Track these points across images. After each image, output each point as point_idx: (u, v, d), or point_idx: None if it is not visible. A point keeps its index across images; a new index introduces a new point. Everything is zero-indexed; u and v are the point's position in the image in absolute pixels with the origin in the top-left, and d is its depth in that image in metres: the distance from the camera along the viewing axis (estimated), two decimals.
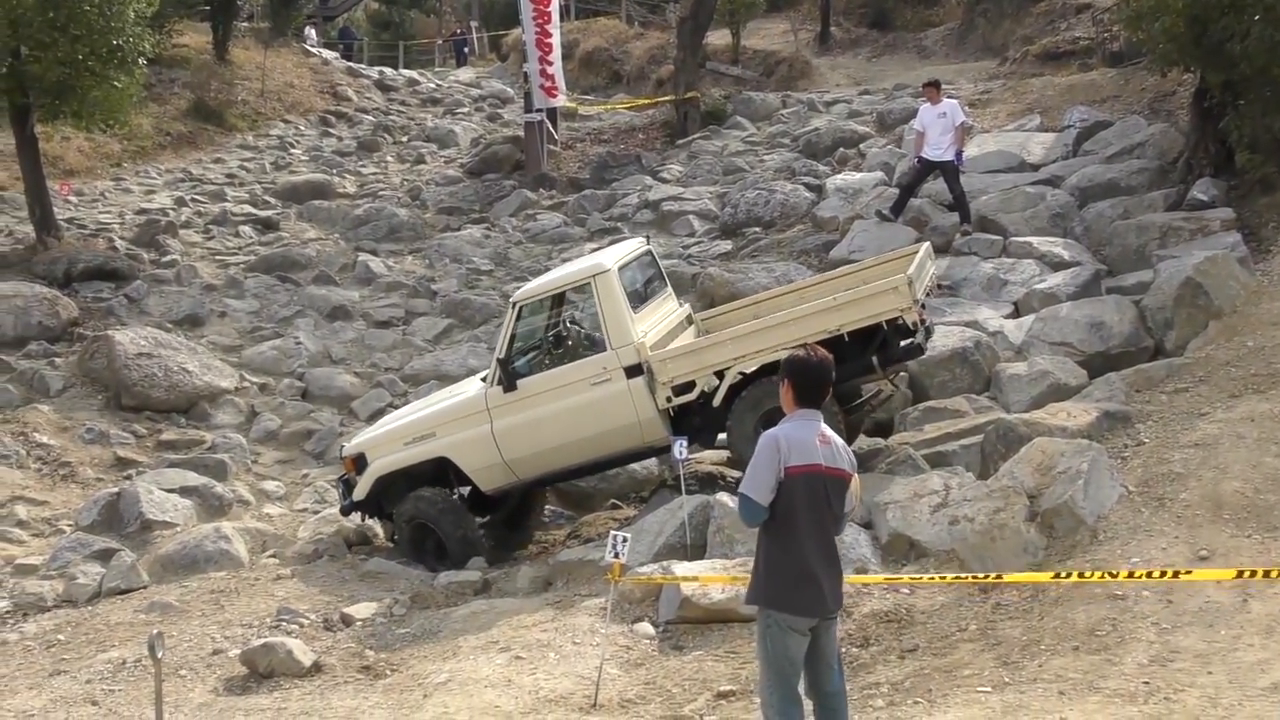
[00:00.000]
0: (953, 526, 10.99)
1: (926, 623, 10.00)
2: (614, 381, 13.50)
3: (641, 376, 13.45)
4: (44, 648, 12.50)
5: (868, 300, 12.87)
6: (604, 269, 13.70)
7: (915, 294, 12.76)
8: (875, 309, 12.80)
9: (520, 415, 13.82)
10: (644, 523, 12.81)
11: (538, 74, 30.45)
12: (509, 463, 14.06)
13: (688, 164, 29.24)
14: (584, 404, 13.59)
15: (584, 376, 13.63)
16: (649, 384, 13.45)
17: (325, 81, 40.77)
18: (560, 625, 11.12)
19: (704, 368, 13.39)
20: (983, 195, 20.32)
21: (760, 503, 7.03)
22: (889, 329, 12.91)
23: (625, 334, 13.50)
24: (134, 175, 30.95)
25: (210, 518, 15.72)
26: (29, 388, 19.38)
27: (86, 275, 23.40)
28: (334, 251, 26.08)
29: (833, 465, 7.14)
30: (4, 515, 15.89)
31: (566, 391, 13.66)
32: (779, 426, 7.20)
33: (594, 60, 41.75)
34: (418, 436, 14.43)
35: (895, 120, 27.44)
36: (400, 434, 14.63)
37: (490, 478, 14.26)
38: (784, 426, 7.16)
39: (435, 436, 14.32)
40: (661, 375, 13.39)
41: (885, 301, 12.76)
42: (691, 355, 13.50)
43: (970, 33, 37.20)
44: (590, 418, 13.62)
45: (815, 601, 7.10)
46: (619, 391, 13.50)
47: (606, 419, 13.61)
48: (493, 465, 14.11)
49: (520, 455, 14.00)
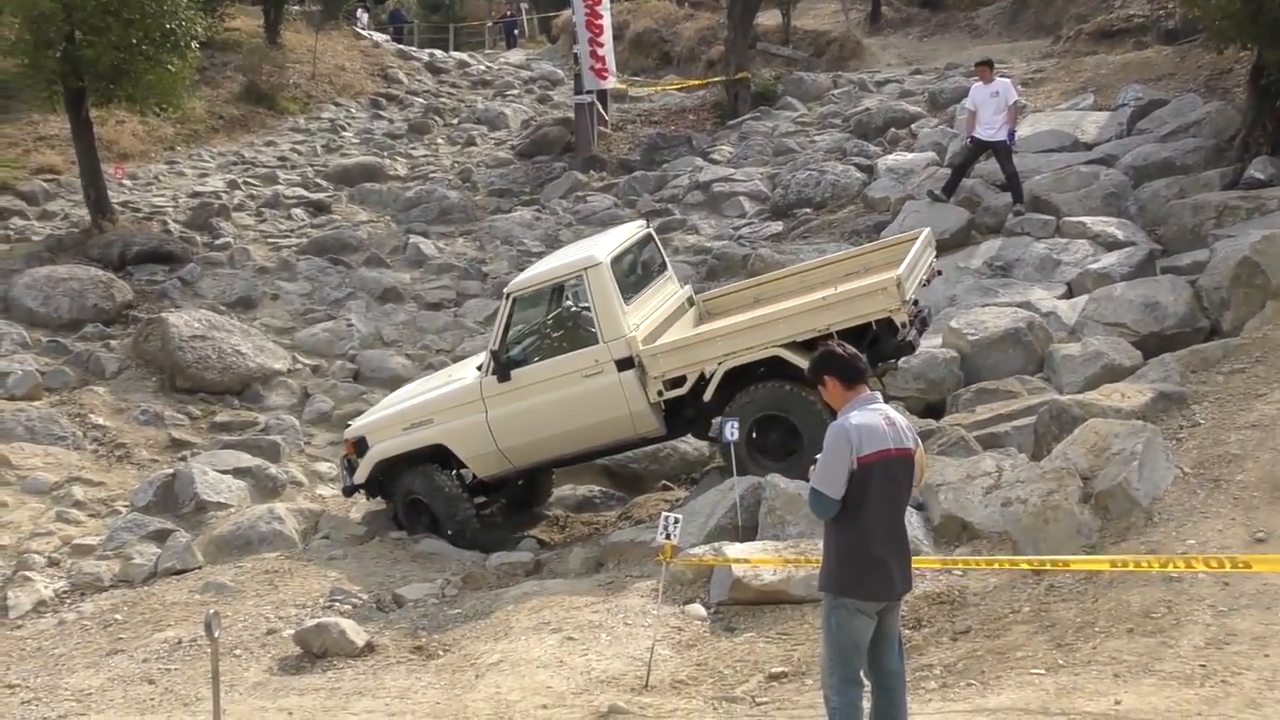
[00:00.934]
0: (1005, 508, 10.93)
1: (979, 604, 9.96)
2: (606, 374, 13.61)
3: (633, 370, 13.53)
4: (101, 627, 12.62)
5: (857, 300, 12.83)
6: (595, 261, 13.75)
7: (905, 294, 12.65)
8: (864, 309, 12.74)
9: (514, 405, 13.98)
10: (695, 504, 12.79)
11: (588, 55, 30.43)
12: (503, 450, 14.24)
13: (738, 145, 29.15)
14: (577, 395, 13.72)
15: (577, 368, 13.74)
16: (640, 377, 13.54)
17: (376, 64, 40.82)
18: (612, 606, 11.14)
19: (695, 363, 13.44)
20: (1036, 175, 20.17)
21: (834, 497, 7.00)
22: (879, 327, 12.82)
23: (617, 327, 13.58)
24: (187, 158, 31.09)
25: (263, 499, 15.80)
26: (85, 370, 19.53)
27: (141, 258, 23.54)
28: (385, 234, 26.15)
29: (901, 446, 7.12)
30: (61, 496, 16.01)
31: (560, 383, 13.79)
32: (845, 416, 7.14)
33: (644, 41, 41.63)
34: (415, 422, 14.63)
35: (947, 100, 27.29)
36: (399, 419, 14.84)
37: (485, 465, 14.47)
38: (851, 415, 7.10)
39: (433, 423, 14.51)
40: (652, 370, 13.50)
41: (874, 302, 12.70)
42: (681, 350, 13.56)
43: (1023, 11, 36.89)
44: (583, 409, 13.74)
45: (885, 586, 7.09)
46: (611, 384, 13.60)
47: (599, 410, 13.72)
48: (487, 453, 14.31)
49: (514, 444, 14.17)
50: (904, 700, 7.36)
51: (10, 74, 25.62)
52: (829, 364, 7.27)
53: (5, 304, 21.18)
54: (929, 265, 14.37)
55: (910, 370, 15.35)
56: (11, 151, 28.28)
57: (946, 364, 15.37)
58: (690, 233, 24.06)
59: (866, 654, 7.22)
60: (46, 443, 17.16)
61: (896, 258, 13.71)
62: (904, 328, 12.85)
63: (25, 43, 23.21)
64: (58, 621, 13.03)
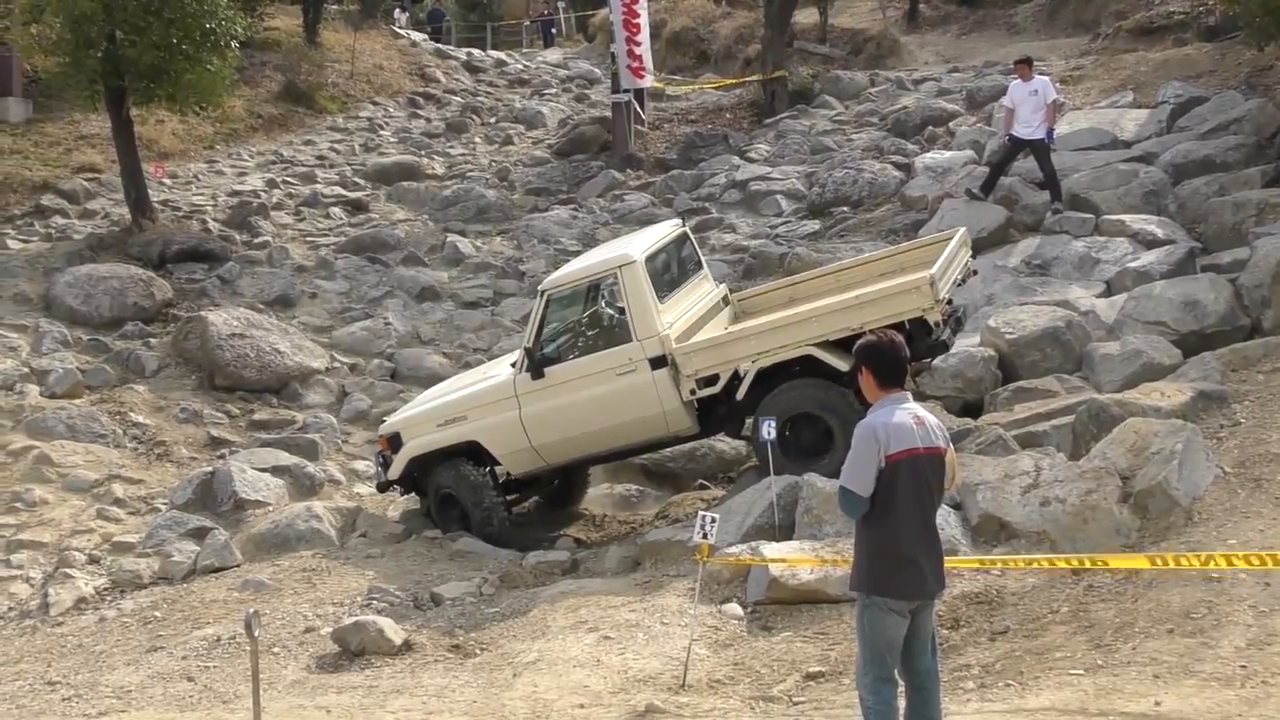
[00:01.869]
0: (1044, 508, 10.88)
1: (1017, 604, 9.91)
2: (639, 372, 13.62)
3: (666, 368, 13.54)
4: (141, 624, 12.69)
5: (890, 299, 12.78)
6: (630, 260, 13.79)
7: (938, 293, 12.62)
8: (898, 308, 12.65)
9: (548, 402, 13.99)
10: (732, 503, 12.78)
11: (625, 54, 30.41)
12: (536, 448, 14.28)
13: (775, 143, 29.09)
14: (610, 393, 13.72)
15: (610, 366, 13.76)
16: (673, 375, 13.55)
17: (413, 63, 40.92)
18: (649, 605, 11.13)
19: (728, 361, 13.43)
20: (1074, 173, 20.08)
21: (862, 495, 6.98)
22: (912, 326, 12.63)
23: (650, 325, 13.59)
24: (226, 157, 31.22)
25: (301, 497, 15.86)
26: (125, 368, 19.64)
27: (180, 257, 23.65)
28: (423, 233, 26.22)
29: (930, 445, 7.08)
30: (102, 494, 16.11)
31: (593, 380, 13.81)
32: (873, 414, 7.13)
33: (681, 40, 41.60)
34: (450, 419, 14.69)
35: (985, 98, 27.18)
36: (433, 416, 14.91)
37: (518, 462, 14.53)
38: (879, 413, 7.09)
39: (466, 420, 14.56)
40: (685, 368, 13.51)
41: (908, 301, 12.67)
42: (714, 349, 13.56)
43: (1062, 8, 36.71)
44: (616, 407, 13.76)
45: (917, 584, 7.06)
46: (644, 382, 13.61)
47: (632, 409, 13.74)
48: (520, 450, 14.36)
49: (547, 441, 14.20)
50: (939, 700, 7.33)
51: (52, 73, 25.74)
52: (870, 356, 7.23)
53: (47, 302, 21.33)
54: (964, 265, 14.30)
55: (948, 369, 15.30)
56: (53, 150, 28.44)
57: (984, 363, 15.31)
58: (727, 231, 24.04)
59: (900, 653, 7.19)
60: (87, 440, 17.27)
61: (931, 257, 13.67)
62: (937, 327, 12.80)
63: (67, 42, 23.38)
64: (98, 618, 13.11)
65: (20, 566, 14.47)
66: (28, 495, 15.88)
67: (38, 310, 21.14)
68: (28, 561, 14.57)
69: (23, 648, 12.62)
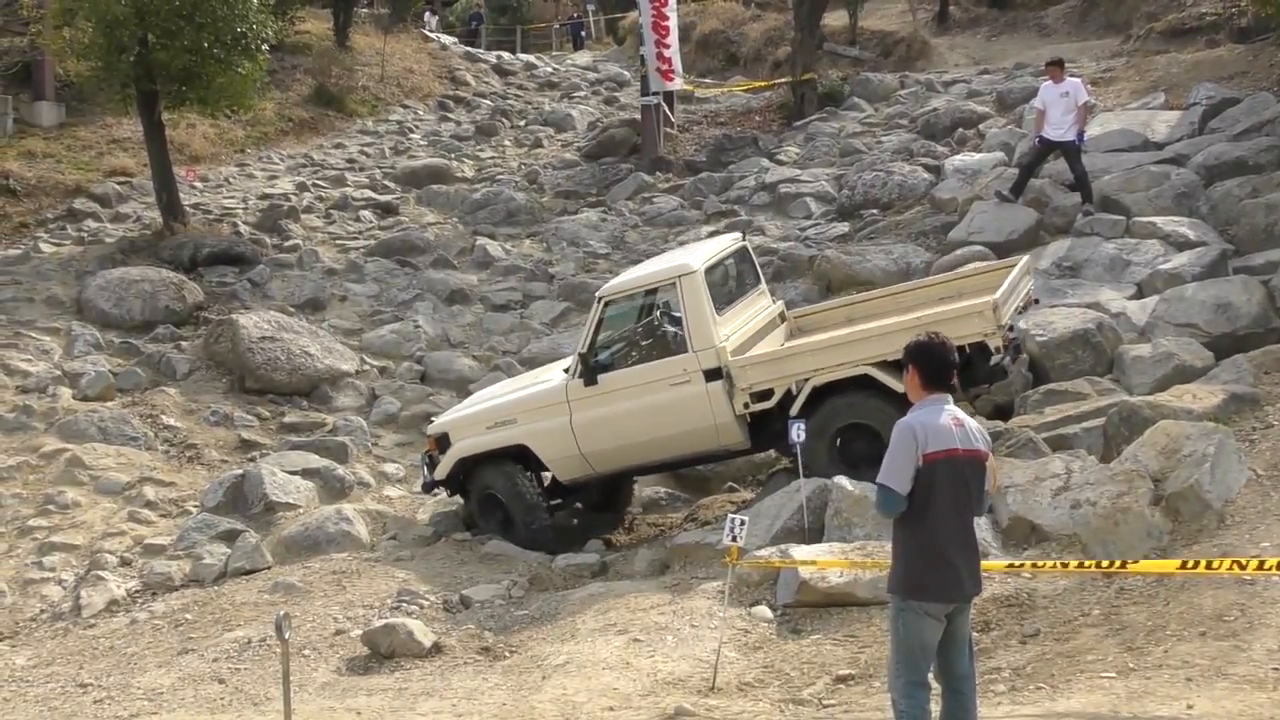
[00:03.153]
0: (1075, 510, 10.84)
1: (1048, 607, 9.88)
2: (693, 384, 13.52)
3: (720, 381, 13.45)
4: (172, 626, 12.74)
5: (953, 322, 12.52)
6: (690, 270, 13.71)
7: (1001, 319, 12.59)
8: (960, 331, 12.32)
9: (599, 410, 13.95)
10: (761, 506, 12.77)
11: (654, 57, 30.41)
12: (585, 455, 14.21)
13: (805, 146, 29.07)
14: (663, 403, 13.65)
15: (664, 376, 13.69)
16: (727, 388, 13.46)
17: (443, 67, 41.01)
18: (678, 608, 11.13)
19: (783, 377, 13.36)
20: (1105, 175, 19.99)
21: (900, 493, 6.95)
22: (972, 350, 12.60)
23: (707, 337, 13.51)
24: (257, 161, 31.35)
25: (331, 499, 15.90)
26: (156, 371, 19.72)
27: (211, 260, 23.76)
28: (452, 235, 26.25)
29: (969, 448, 7.06)
30: (133, 496, 16.19)
31: (646, 390, 13.74)
32: (912, 414, 7.13)
33: (710, 42, 41.61)
34: (499, 422, 14.67)
35: (1015, 100, 27.08)
36: (483, 418, 14.89)
37: (567, 468, 14.45)
38: (917, 413, 7.09)
39: (516, 423, 14.54)
40: (740, 381, 13.43)
41: (970, 325, 12.57)
42: (771, 364, 13.50)
43: (1093, 10, 36.58)
44: (668, 417, 13.69)
45: (953, 587, 7.03)
46: (698, 394, 13.52)
47: (684, 420, 13.66)
48: (570, 456, 14.29)
49: (597, 449, 14.14)
50: (974, 704, 7.30)
51: (84, 77, 25.92)
52: (919, 355, 7.22)
53: (79, 305, 21.46)
54: (1027, 292, 14.20)
55: None
56: (85, 154, 28.64)
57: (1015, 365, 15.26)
58: (756, 234, 23.97)
59: (936, 657, 7.17)
60: (119, 443, 17.36)
61: (994, 283, 13.57)
62: (997, 352, 12.72)
63: (99, 46, 23.52)
64: (129, 620, 13.18)
65: (53, 569, 14.57)
66: (60, 498, 15.98)
67: (70, 313, 21.27)
68: (60, 564, 14.67)
69: (55, 649, 12.70)
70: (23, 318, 20.91)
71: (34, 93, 29.81)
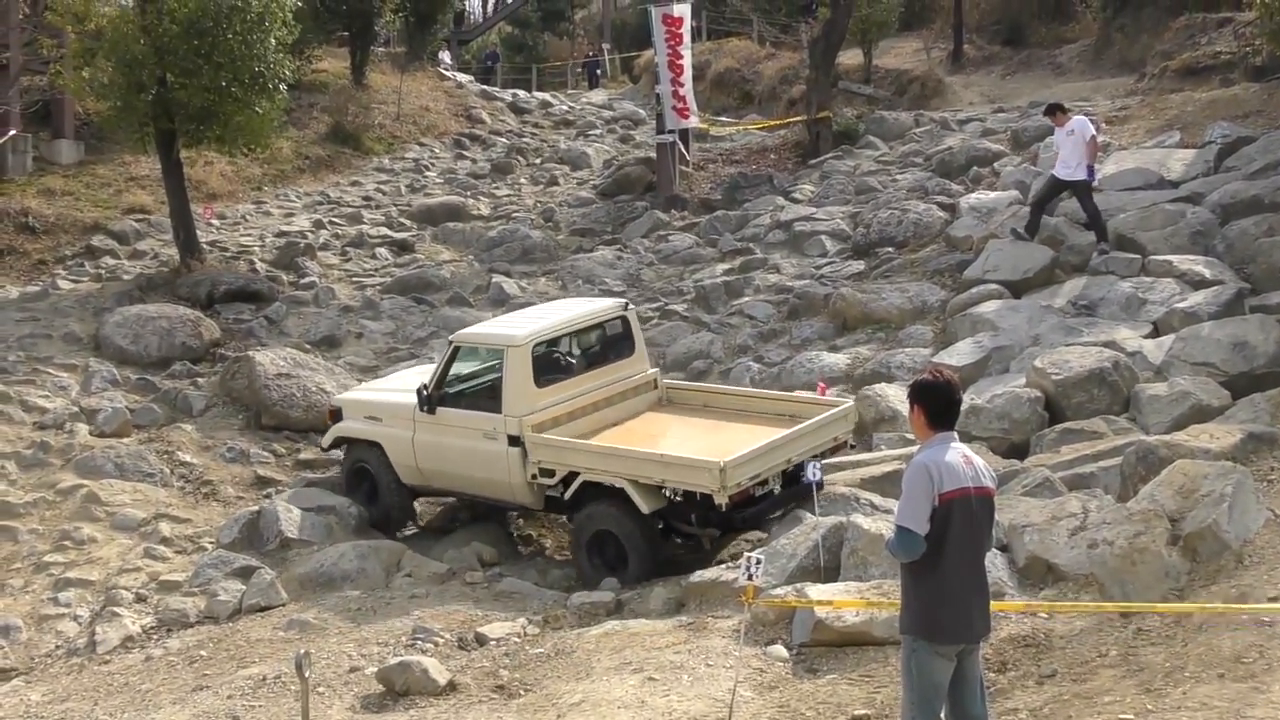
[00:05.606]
0: (1091, 550, 10.78)
1: (1065, 648, 9.82)
2: (499, 442, 14.85)
3: (520, 447, 14.71)
4: (187, 663, 12.72)
5: (688, 469, 13.54)
6: (516, 343, 15.01)
7: (732, 479, 13.19)
8: (691, 479, 13.48)
9: (435, 436, 15.55)
10: (777, 544, 12.72)
11: (670, 95, 30.46)
12: (421, 469, 15.93)
13: (820, 184, 29.08)
14: (477, 450, 15.08)
15: (481, 427, 15.07)
16: (522, 456, 14.72)
17: (459, 105, 41.17)
18: (693, 647, 11.08)
19: (561, 463, 14.53)
20: (1121, 213, 20.00)
21: (920, 534, 6.93)
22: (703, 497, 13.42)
23: (517, 405, 14.81)
24: (274, 198, 31.46)
25: (346, 536, 15.87)
26: (173, 407, 19.76)
27: (228, 297, 23.85)
28: (468, 273, 26.31)
29: (980, 485, 7.06)
30: (149, 532, 16.19)
31: (468, 433, 15.19)
32: (923, 453, 7.11)
33: (726, 81, 41.75)
34: (371, 416, 16.46)
35: (1030, 138, 27.13)
36: (364, 407, 16.70)
37: (408, 475, 16.14)
38: (928, 452, 7.08)
39: (381, 422, 16.28)
40: (531, 454, 14.68)
41: (698, 476, 13.40)
42: (553, 449, 14.61)
43: (1107, 48, 36.65)
44: (478, 463, 15.14)
45: (963, 627, 7.01)
46: (501, 452, 14.85)
47: (489, 470, 15.05)
48: (409, 466, 16.01)
49: (429, 468, 15.83)
50: None
51: (103, 116, 26.08)
52: (924, 395, 7.23)
53: (96, 342, 21.53)
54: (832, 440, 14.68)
55: (993, 410, 15.28)
56: (103, 191, 28.78)
57: (1030, 404, 15.26)
58: (771, 272, 24.03)
59: (947, 697, 7.14)
60: (135, 479, 17.39)
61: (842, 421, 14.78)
62: (721, 509, 13.37)
63: (118, 86, 23.69)
64: (144, 657, 13.16)
65: (68, 604, 14.56)
66: (76, 533, 15.99)
67: (87, 350, 21.34)
68: (75, 599, 14.66)
69: (70, 686, 12.68)
70: (41, 354, 20.99)
71: (53, 131, 30.01)
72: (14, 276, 24.70)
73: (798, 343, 20.55)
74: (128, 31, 23.59)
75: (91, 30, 24.20)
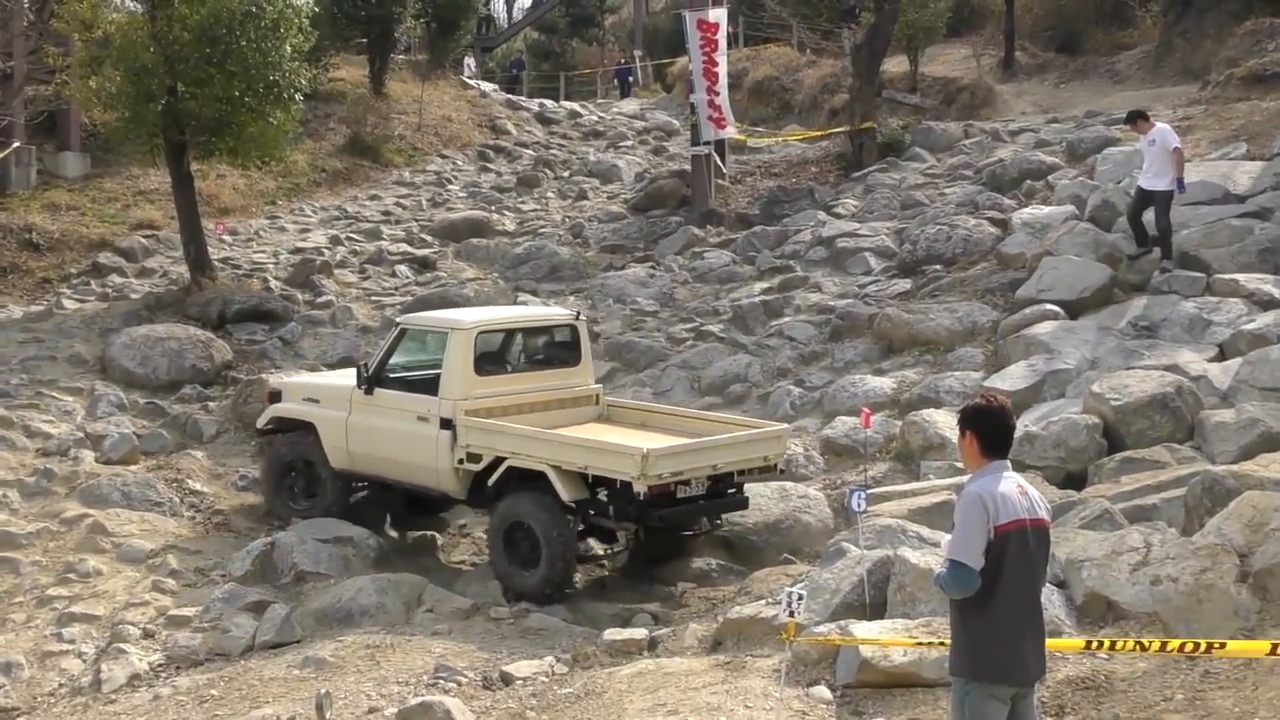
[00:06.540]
0: (1155, 587, 10.72)
1: (1128, 691, 9.76)
2: (431, 425, 15.83)
3: (450, 432, 15.63)
4: (197, 703, 12.72)
5: (611, 455, 14.60)
6: (462, 327, 16.09)
7: (654, 469, 14.16)
8: (614, 465, 14.46)
9: (368, 418, 16.50)
10: (820, 579, 12.68)
11: (705, 104, 30.50)
12: (350, 452, 16.81)
13: (863, 198, 29.05)
14: (407, 432, 16.07)
15: (416, 409, 16.06)
16: (451, 441, 15.63)
17: (484, 115, 41.28)
18: (731, 687, 11.05)
19: (488, 448, 15.42)
20: (1184, 229, 19.93)
21: (975, 568, 6.89)
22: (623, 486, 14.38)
23: (454, 390, 15.79)
24: (289, 213, 31.60)
25: (366, 569, 15.89)
26: (182, 433, 19.86)
27: (240, 316, 23.95)
28: (493, 291, 26.34)
29: (1035, 517, 7.02)
30: (157, 565, 16.24)
31: (401, 415, 16.19)
32: (976, 482, 7.07)
33: (764, 89, 41.81)
34: (308, 397, 17.44)
35: (1087, 150, 27.03)
36: (303, 390, 17.71)
37: (337, 458, 16.96)
38: (981, 481, 7.03)
39: (318, 404, 17.22)
40: (460, 439, 15.59)
41: (620, 462, 14.38)
42: (481, 431, 15.51)
43: (1168, 55, 36.59)
44: (407, 446, 16.12)
45: (1018, 668, 6.97)
46: (431, 435, 15.80)
47: (416, 454, 16.02)
48: (339, 449, 16.86)
49: (358, 451, 16.74)
50: None
51: (111, 127, 26.20)
52: (976, 421, 7.19)
53: (103, 364, 21.65)
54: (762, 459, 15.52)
55: (1049, 438, 15.22)
56: (111, 206, 28.94)
57: (1088, 431, 15.20)
58: (813, 291, 24.01)
59: None
60: (143, 509, 17.46)
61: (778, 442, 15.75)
62: (639, 497, 14.25)
63: (127, 95, 23.82)
64: (152, 696, 13.15)
65: (72, 640, 14.57)
66: (81, 566, 16.04)
67: (93, 372, 21.46)
68: (80, 635, 14.68)
69: None
70: (44, 377, 21.12)
71: (59, 143, 30.20)
72: (17, 296, 24.84)
73: (840, 366, 20.54)
74: (137, 39, 23.77)
75: (99, 37, 24.42)
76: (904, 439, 16.96)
